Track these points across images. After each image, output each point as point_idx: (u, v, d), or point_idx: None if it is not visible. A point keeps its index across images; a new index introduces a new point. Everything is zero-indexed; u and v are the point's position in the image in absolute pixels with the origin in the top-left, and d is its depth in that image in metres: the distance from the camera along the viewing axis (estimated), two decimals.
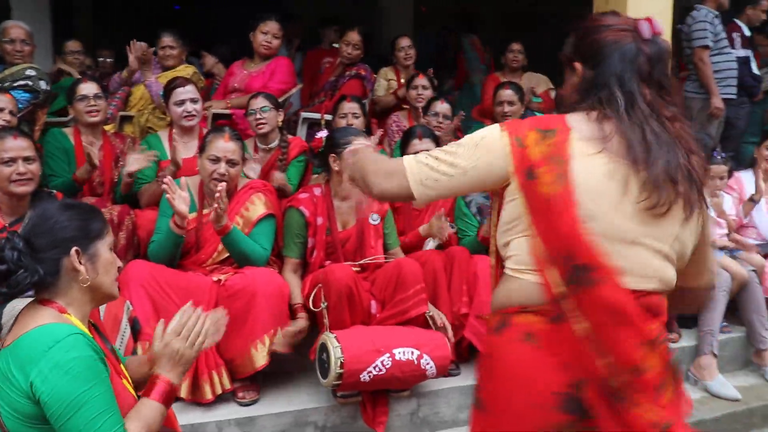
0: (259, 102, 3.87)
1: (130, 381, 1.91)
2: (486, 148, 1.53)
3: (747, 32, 6.10)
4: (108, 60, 5.81)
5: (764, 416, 3.65)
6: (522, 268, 1.51)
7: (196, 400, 2.94)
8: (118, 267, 1.90)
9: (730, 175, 4.35)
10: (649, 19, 1.49)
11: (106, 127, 4.22)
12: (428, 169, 1.56)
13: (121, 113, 4.55)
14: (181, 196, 2.96)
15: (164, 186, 2.95)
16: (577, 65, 1.56)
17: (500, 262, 1.63)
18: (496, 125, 1.55)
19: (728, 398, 3.66)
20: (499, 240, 1.61)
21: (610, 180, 1.43)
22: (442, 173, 1.55)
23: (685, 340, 4.02)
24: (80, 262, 1.73)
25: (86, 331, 1.74)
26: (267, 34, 4.56)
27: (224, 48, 6.73)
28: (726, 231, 4.19)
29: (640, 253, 1.46)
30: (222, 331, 1.98)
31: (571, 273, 1.41)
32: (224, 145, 3.15)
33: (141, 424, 1.69)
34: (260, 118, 3.84)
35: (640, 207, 1.43)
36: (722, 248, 4.09)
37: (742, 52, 5.93)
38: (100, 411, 1.60)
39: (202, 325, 1.87)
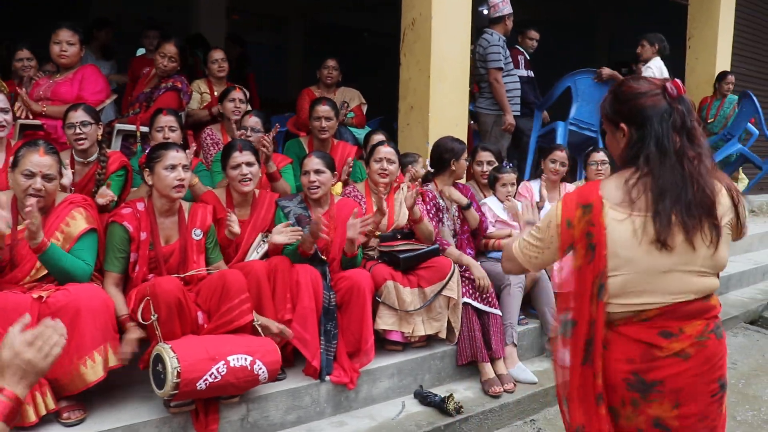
0: (79, 115, 3.74)
1: None
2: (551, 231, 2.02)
3: (527, 56, 6.87)
4: None
5: (555, 395, 4.14)
6: None
7: (17, 425, 2.83)
8: None
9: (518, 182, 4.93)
10: (675, 82, 1.90)
11: None
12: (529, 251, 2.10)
13: None
14: (1, 215, 2.85)
15: None
16: (624, 126, 1.93)
17: None
18: (557, 204, 2.00)
19: (527, 382, 4.11)
20: None
21: (636, 233, 1.86)
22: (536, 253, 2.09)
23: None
24: None
25: None
26: (60, 43, 4.39)
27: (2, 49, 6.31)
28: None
29: (674, 277, 1.87)
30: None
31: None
32: (39, 160, 3.07)
33: None
34: (80, 133, 3.72)
35: (660, 245, 1.85)
36: None
37: (526, 73, 6.66)
38: None
39: (58, 335, 1.73)
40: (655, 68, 6.63)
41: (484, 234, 4.64)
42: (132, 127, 4.65)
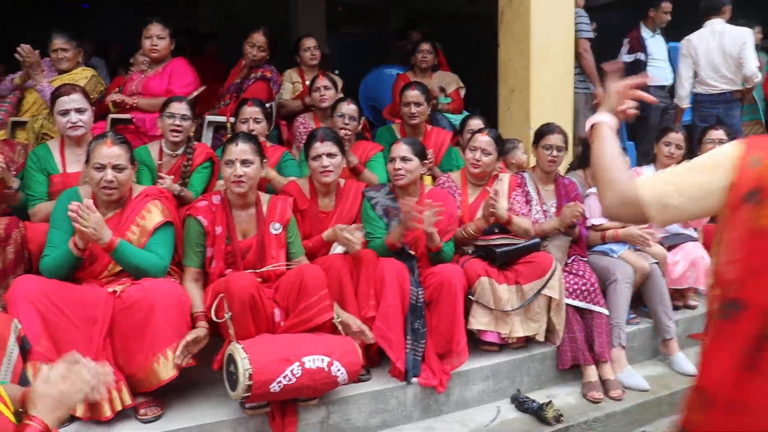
0: (182, 108, 3.75)
1: (10, 405, 1.78)
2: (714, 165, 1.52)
3: (648, 36, 6.31)
4: None
5: (671, 404, 3.73)
6: None
7: (93, 418, 2.79)
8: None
9: None
10: None
11: None
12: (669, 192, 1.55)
13: (13, 119, 4.31)
14: (88, 223, 2.80)
15: (71, 215, 2.78)
16: None
17: None
18: (733, 143, 1.54)
19: (638, 389, 3.74)
20: None
21: None
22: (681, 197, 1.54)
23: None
24: None
25: None
26: (151, 38, 4.39)
27: (114, 49, 6.52)
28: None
29: None
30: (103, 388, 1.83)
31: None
32: (108, 151, 3.01)
33: None
34: (178, 125, 3.73)
35: None
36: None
37: (630, 57, 6.14)
38: None
39: (91, 375, 1.74)
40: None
41: (583, 227, 4.20)
42: (223, 119, 4.61)
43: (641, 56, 6.18)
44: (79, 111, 3.53)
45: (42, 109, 4.35)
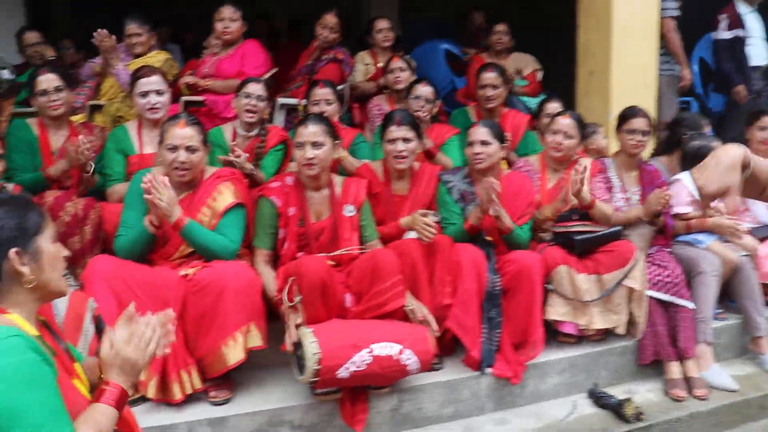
0: (259, 90, 3.77)
1: (86, 381, 1.78)
2: None
3: (745, 11, 5.93)
4: (69, 50, 5.63)
5: (762, 407, 3.53)
6: None
7: (165, 400, 2.80)
8: (68, 257, 1.80)
9: None
10: None
11: (76, 117, 4.07)
12: None
13: (91, 102, 4.39)
14: (162, 198, 2.81)
15: (144, 186, 2.78)
16: None
17: None
18: None
19: (725, 389, 3.53)
20: None
21: None
22: None
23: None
24: (22, 264, 1.60)
25: (33, 330, 1.61)
26: (223, 20, 4.42)
27: (189, 36, 6.62)
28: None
29: None
30: (171, 333, 1.89)
31: None
32: (181, 132, 2.99)
33: (92, 429, 1.57)
34: (254, 106, 3.74)
35: None
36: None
37: (728, 34, 5.79)
38: (44, 418, 1.46)
39: (153, 331, 1.74)
40: None
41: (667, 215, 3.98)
42: (295, 101, 4.59)
43: (741, 33, 5.83)
44: (158, 93, 3.58)
45: (118, 92, 4.41)
